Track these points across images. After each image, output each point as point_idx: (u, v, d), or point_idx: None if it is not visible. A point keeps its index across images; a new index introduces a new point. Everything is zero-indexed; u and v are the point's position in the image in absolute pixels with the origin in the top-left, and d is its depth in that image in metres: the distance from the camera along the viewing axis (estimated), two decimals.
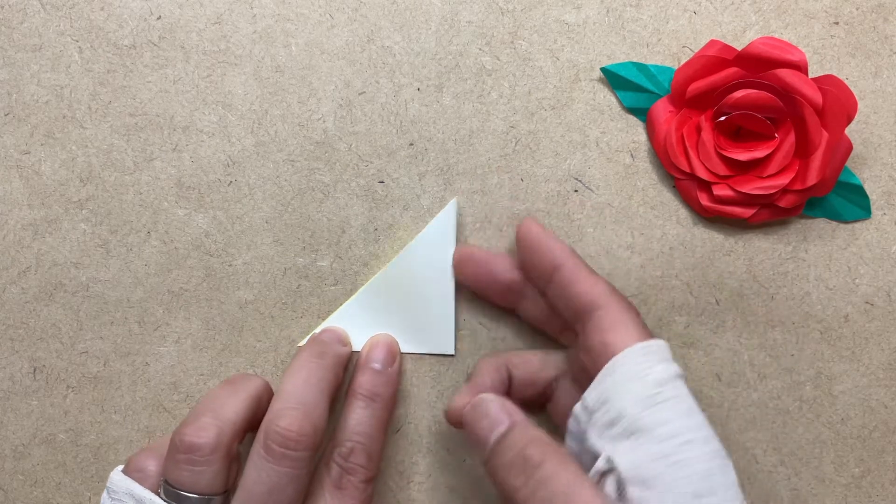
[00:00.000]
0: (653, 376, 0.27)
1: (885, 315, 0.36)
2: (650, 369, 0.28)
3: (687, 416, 0.27)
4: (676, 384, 0.28)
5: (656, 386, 0.27)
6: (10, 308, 0.36)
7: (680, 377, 0.28)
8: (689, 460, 0.26)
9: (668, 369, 0.28)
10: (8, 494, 0.36)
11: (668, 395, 0.27)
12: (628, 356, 0.28)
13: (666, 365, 0.28)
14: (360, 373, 0.34)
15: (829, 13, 0.36)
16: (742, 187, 0.34)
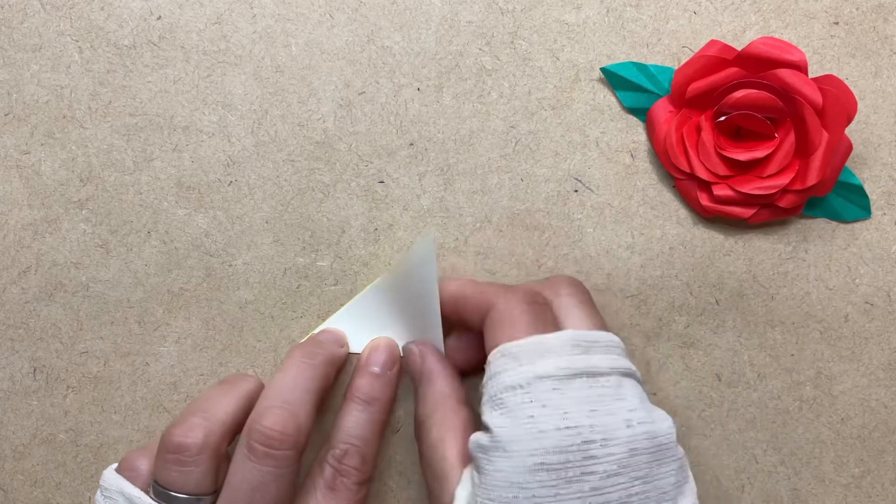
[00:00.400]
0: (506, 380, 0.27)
1: (885, 315, 0.36)
2: (507, 372, 0.27)
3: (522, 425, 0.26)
4: (532, 388, 0.27)
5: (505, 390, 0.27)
6: (10, 308, 0.36)
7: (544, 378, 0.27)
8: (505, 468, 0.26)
9: (526, 372, 0.27)
10: (8, 494, 0.36)
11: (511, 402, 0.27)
12: (493, 355, 0.29)
13: (530, 367, 0.27)
14: (358, 375, 0.34)
15: (829, 13, 0.36)
16: (742, 187, 0.34)
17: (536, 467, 0.25)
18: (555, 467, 0.25)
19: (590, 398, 0.27)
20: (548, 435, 0.26)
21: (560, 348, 0.27)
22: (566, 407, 0.26)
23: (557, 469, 0.25)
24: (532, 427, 0.26)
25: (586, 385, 0.27)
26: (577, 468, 0.25)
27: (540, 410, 0.26)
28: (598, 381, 0.27)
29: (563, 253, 0.36)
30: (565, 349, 0.27)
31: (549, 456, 0.25)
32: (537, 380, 0.27)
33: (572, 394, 0.26)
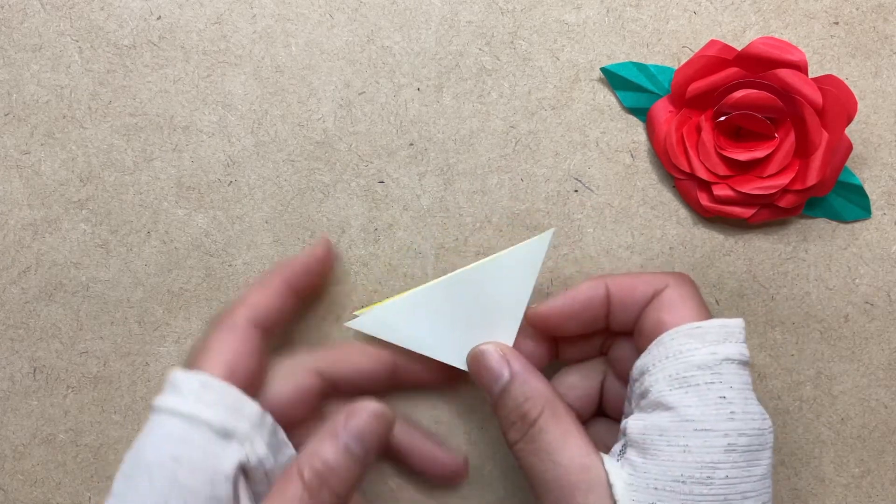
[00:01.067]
0: (695, 359, 0.27)
1: (885, 315, 0.36)
2: (695, 351, 0.27)
3: (714, 406, 0.26)
4: (722, 369, 0.27)
5: (693, 369, 0.27)
6: (10, 308, 0.36)
7: (732, 361, 0.27)
8: (694, 448, 0.26)
9: (717, 353, 0.27)
10: (8, 494, 0.36)
11: (701, 380, 0.26)
12: (674, 335, 0.28)
13: (717, 347, 0.27)
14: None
15: (829, 13, 0.36)
16: (742, 187, 0.34)
17: (730, 448, 0.26)
18: (743, 449, 0.26)
19: (750, 383, 0.28)
20: (738, 417, 0.26)
21: (739, 334, 0.28)
22: (744, 392, 0.27)
23: (744, 451, 0.26)
24: (724, 408, 0.26)
25: (748, 374, 0.28)
26: (756, 452, 0.26)
27: (730, 392, 0.26)
28: (748, 370, 0.28)
29: (563, 253, 0.36)
30: (742, 335, 0.28)
31: (739, 438, 0.26)
32: (726, 362, 0.27)
33: (745, 379, 0.27)
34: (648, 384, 0.27)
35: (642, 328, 0.29)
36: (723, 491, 0.25)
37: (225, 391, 0.28)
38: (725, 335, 0.27)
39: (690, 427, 0.26)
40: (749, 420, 0.26)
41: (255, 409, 0.29)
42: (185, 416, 0.27)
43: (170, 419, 0.28)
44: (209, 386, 0.28)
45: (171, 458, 0.27)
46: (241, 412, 0.28)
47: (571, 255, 0.36)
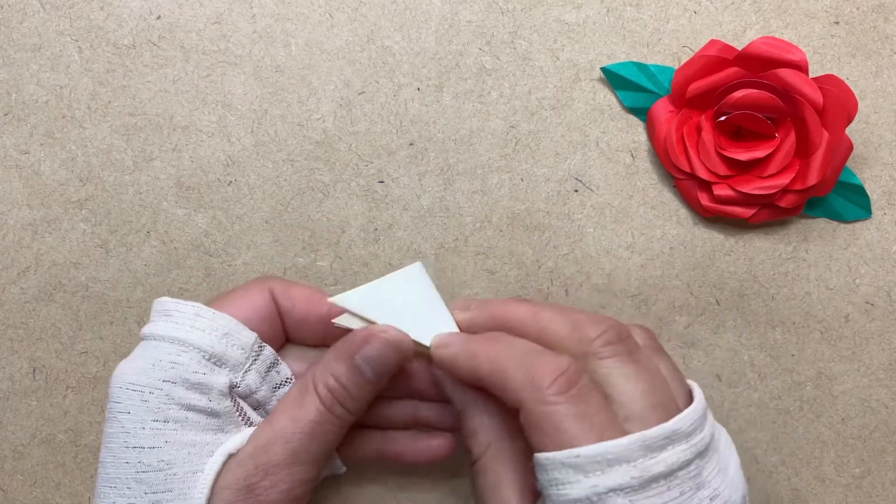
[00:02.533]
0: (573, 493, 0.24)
1: (885, 315, 0.36)
2: (574, 483, 0.23)
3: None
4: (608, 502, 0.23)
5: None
6: (10, 308, 0.36)
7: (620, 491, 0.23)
8: None
9: (598, 485, 0.23)
10: (7, 494, 0.36)
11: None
12: (550, 462, 0.24)
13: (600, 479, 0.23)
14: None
15: (830, 13, 0.36)
16: (742, 187, 0.34)
17: None
18: None
19: (668, 502, 0.23)
20: None
21: (630, 454, 0.23)
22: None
23: None
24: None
25: (664, 488, 0.23)
26: None
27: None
28: (677, 477, 0.24)
29: (563, 253, 0.36)
30: (636, 454, 0.23)
31: None
32: (609, 493, 0.23)
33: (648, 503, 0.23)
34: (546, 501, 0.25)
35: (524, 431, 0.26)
36: None
37: (219, 319, 0.29)
38: (610, 460, 0.23)
39: None
40: None
41: (250, 337, 0.29)
42: (177, 340, 0.28)
43: (160, 344, 0.28)
44: (202, 315, 0.28)
45: (162, 380, 0.27)
46: (235, 340, 0.29)
47: (571, 255, 0.36)
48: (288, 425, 0.28)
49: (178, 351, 0.28)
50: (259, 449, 0.27)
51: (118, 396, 0.27)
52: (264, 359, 0.30)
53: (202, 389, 0.28)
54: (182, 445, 0.27)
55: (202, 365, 0.28)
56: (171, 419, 0.27)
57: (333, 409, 0.28)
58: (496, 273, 0.36)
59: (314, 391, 0.28)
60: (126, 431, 0.27)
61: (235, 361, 0.29)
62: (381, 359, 0.28)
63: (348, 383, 0.28)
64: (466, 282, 0.36)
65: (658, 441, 0.24)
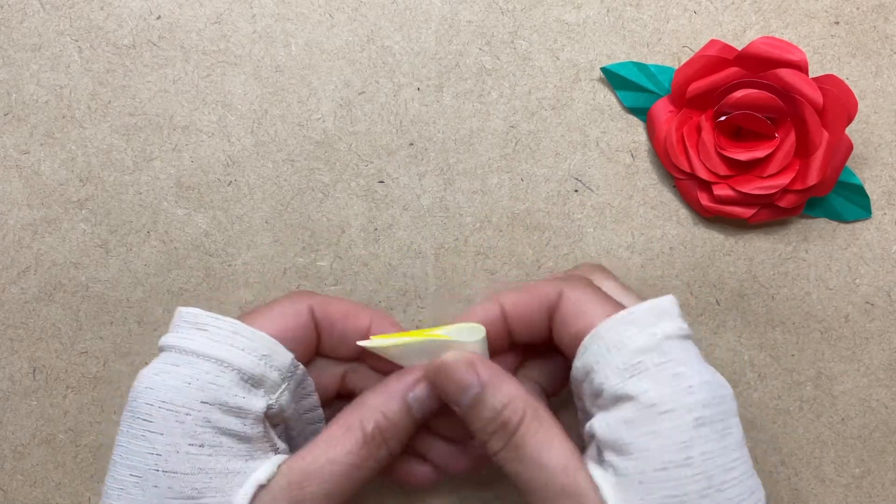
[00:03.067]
0: (635, 344, 0.26)
1: (885, 315, 0.36)
2: (633, 337, 0.26)
3: (670, 385, 0.25)
4: (664, 348, 0.26)
5: (637, 354, 0.26)
6: (10, 308, 0.36)
7: (673, 338, 0.26)
8: (663, 431, 0.25)
9: (655, 333, 0.26)
10: (7, 494, 0.36)
11: (650, 364, 0.26)
12: (609, 326, 0.27)
13: (654, 328, 0.26)
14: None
15: (830, 13, 0.36)
16: (742, 187, 0.34)
17: (698, 423, 0.25)
18: (711, 420, 0.25)
19: (699, 355, 0.27)
20: (697, 389, 0.25)
21: (672, 309, 0.27)
22: (696, 364, 0.26)
23: (714, 422, 0.25)
24: (681, 384, 0.25)
25: (690, 344, 0.27)
26: (724, 421, 0.26)
27: (682, 368, 0.26)
28: (692, 341, 0.27)
29: (563, 253, 0.36)
30: (676, 310, 0.27)
31: (704, 410, 0.25)
32: (667, 340, 0.26)
33: (693, 352, 0.27)
34: (599, 382, 0.26)
35: (561, 338, 0.29)
36: (703, 468, 0.25)
37: (258, 339, 0.28)
38: (658, 314, 0.27)
39: (654, 412, 0.25)
40: (709, 390, 0.25)
41: (287, 358, 0.28)
42: (215, 359, 0.27)
43: (196, 361, 0.26)
44: (241, 333, 0.27)
45: (200, 401, 0.26)
46: (272, 361, 0.28)
47: (571, 255, 0.36)
48: (325, 465, 0.27)
49: (217, 371, 0.26)
50: (294, 484, 0.26)
51: (149, 414, 0.26)
52: (298, 378, 0.29)
53: (239, 413, 0.26)
54: (215, 473, 0.26)
55: (241, 387, 0.27)
56: (206, 444, 0.26)
57: (377, 449, 0.27)
58: (496, 273, 0.36)
59: (360, 429, 0.27)
60: (157, 454, 0.25)
61: (272, 383, 0.28)
62: (430, 400, 0.28)
63: (399, 422, 0.28)
64: (466, 282, 0.36)
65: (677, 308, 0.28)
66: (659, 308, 0.27)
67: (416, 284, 0.36)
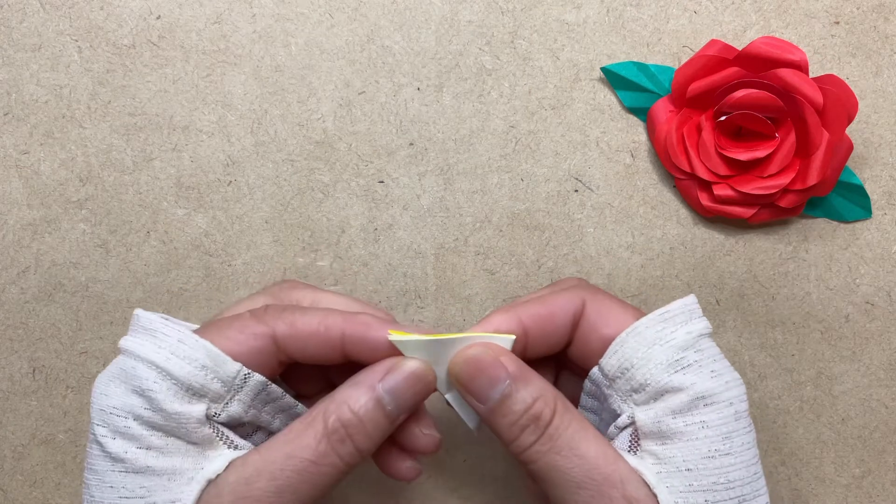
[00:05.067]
0: (675, 341, 0.27)
1: (885, 315, 0.36)
2: (672, 334, 0.27)
3: (711, 379, 0.26)
4: (701, 345, 0.27)
5: (680, 350, 0.27)
6: (10, 308, 0.36)
7: (703, 336, 0.28)
8: (711, 422, 0.26)
9: (691, 331, 0.27)
10: (7, 494, 0.36)
11: (691, 359, 0.27)
12: (647, 324, 0.27)
13: (689, 326, 0.27)
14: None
15: (830, 13, 0.36)
16: (742, 187, 0.34)
17: (737, 415, 0.27)
18: (744, 413, 0.27)
19: (719, 353, 0.28)
20: (731, 385, 0.27)
21: (696, 308, 0.28)
22: (725, 361, 0.28)
23: (745, 415, 0.27)
24: (719, 379, 0.27)
25: (714, 342, 0.28)
26: (748, 416, 0.27)
27: (716, 364, 0.27)
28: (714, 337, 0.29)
29: (563, 253, 0.36)
30: (699, 310, 0.29)
31: (740, 404, 0.27)
32: (701, 338, 0.27)
33: (717, 349, 0.28)
34: (642, 376, 0.27)
35: (586, 343, 0.29)
36: (743, 458, 0.26)
37: (199, 348, 0.26)
38: (689, 314, 0.28)
39: (702, 403, 0.26)
40: (738, 386, 0.27)
41: (234, 370, 0.27)
42: (154, 366, 0.26)
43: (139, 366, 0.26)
44: (185, 342, 0.26)
45: (143, 407, 0.26)
46: (217, 374, 0.27)
47: (571, 255, 0.36)
48: (278, 459, 0.26)
49: (154, 378, 0.26)
50: (241, 481, 0.26)
51: (102, 419, 0.26)
52: (252, 387, 0.27)
53: (178, 420, 0.26)
54: (163, 472, 0.26)
55: (177, 396, 0.26)
56: (152, 446, 0.26)
57: (340, 447, 0.26)
58: (496, 273, 0.36)
59: (322, 423, 0.26)
60: (111, 456, 0.26)
61: (215, 394, 0.27)
62: (405, 389, 0.27)
63: (366, 416, 0.26)
64: (466, 282, 0.36)
65: (699, 307, 0.29)
66: (689, 308, 0.28)
67: (416, 284, 0.36)
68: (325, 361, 0.28)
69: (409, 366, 0.27)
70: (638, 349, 0.27)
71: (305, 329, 0.28)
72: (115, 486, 0.26)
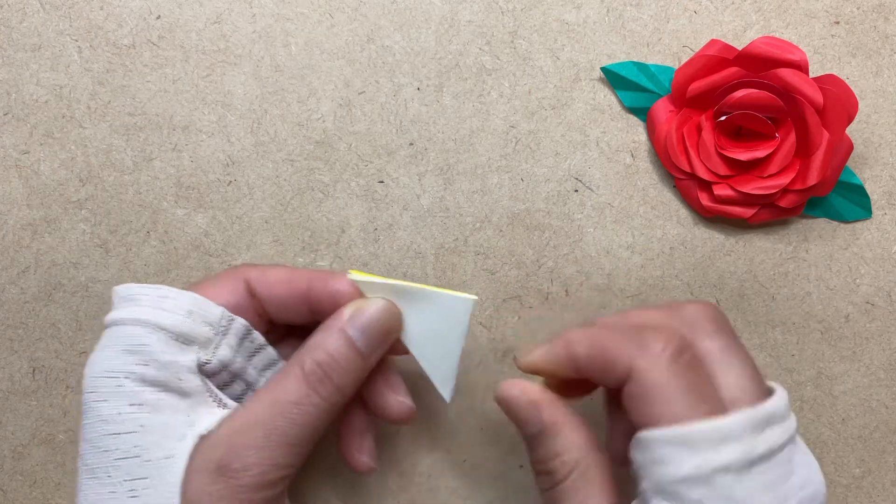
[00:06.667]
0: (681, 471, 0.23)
1: (885, 315, 0.36)
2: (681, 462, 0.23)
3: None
4: (715, 481, 0.23)
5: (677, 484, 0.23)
6: (10, 308, 0.36)
7: (729, 470, 0.23)
8: None
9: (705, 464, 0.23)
10: (7, 495, 0.36)
11: (687, 498, 0.23)
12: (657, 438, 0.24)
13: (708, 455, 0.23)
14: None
15: (830, 12, 0.36)
16: (742, 187, 0.34)
17: None
18: None
19: (766, 484, 0.23)
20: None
21: (740, 434, 0.23)
22: (746, 500, 0.23)
23: None
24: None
25: (764, 470, 0.24)
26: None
27: None
28: (774, 459, 0.24)
29: (563, 253, 0.36)
30: (745, 434, 0.23)
31: None
32: (716, 473, 0.23)
33: (751, 483, 0.23)
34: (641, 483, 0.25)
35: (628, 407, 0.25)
36: None
37: (184, 298, 0.28)
38: (721, 438, 0.23)
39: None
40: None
41: (217, 312, 0.28)
42: (141, 322, 0.27)
43: (125, 328, 0.27)
44: (168, 295, 0.28)
45: (135, 363, 0.26)
46: (203, 318, 0.28)
47: (571, 255, 0.36)
48: (265, 406, 0.27)
49: (144, 333, 0.27)
50: (233, 431, 0.26)
51: (93, 386, 0.27)
52: (236, 331, 0.28)
53: (171, 369, 0.27)
54: (156, 429, 0.26)
55: (169, 345, 0.27)
56: (145, 402, 0.26)
57: (319, 387, 0.27)
58: (496, 273, 0.36)
59: (298, 368, 0.27)
60: (103, 419, 0.26)
61: (204, 338, 0.28)
62: (373, 326, 0.27)
63: (338, 355, 0.27)
64: (466, 282, 0.36)
65: (763, 420, 0.24)
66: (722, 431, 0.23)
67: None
68: (295, 316, 0.30)
69: (375, 303, 0.28)
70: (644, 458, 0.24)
71: (274, 276, 0.29)
72: (110, 450, 0.26)
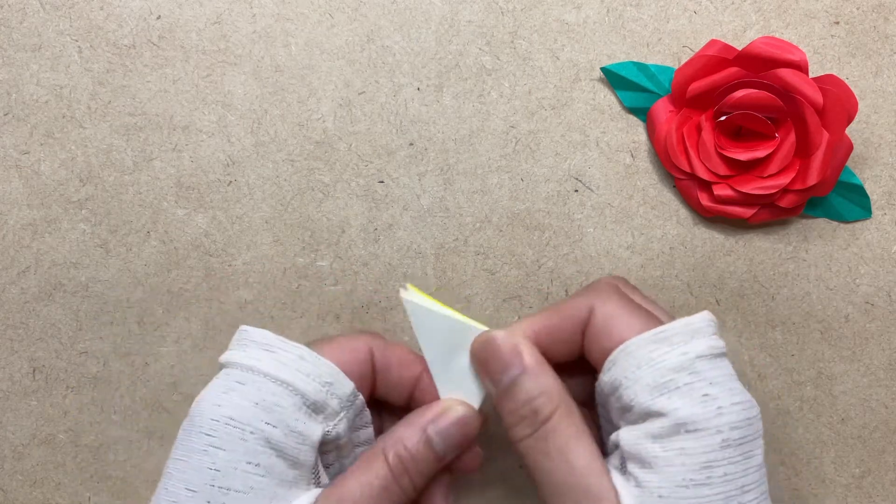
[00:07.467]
0: (667, 362, 0.26)
1: (885, 315, 0.36)
2: (665, 355, 0.26)
3: (700, 404, 0.25)
4: (696, 367, 0.26)
5: (669, 373, 0.26)
6: (10, 308, 0.36)
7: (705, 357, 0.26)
8: (690, 449, 0.25)
9: (688, 352, 0.26)
10: (7, 495, 0.36)
11: (681, 382, 0.26)
12: (639, 343, 0.27)
13: (686, 347, 0.26)
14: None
15: (830, 13, 0.36)
16: (742, 187, 0.34)
17: (724, 444, 0.25)
18: (737, 442, 0.25)
19: (731, 372, 0.27)
20: (726, 411, 0.26)
21: (705, 328, 0.27)
22: (728, 384, 0.26)
23: (738, 444, 0.25)
24: (711, 404, 0.25)
25: (722, 363, 0.27)
26: (750, 443, 0.26)
27: (712, 388, 0.26)
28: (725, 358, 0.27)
29: (563, 253, 0.36)
30: (709, 328, 0.27)
31: (731, 432, 0.25)
32: (699, 359, 0.26)
33: (725, 371, 0.27)
34: (629, 398, 0.26)
35: (591, 353, 0.28)
36: (723, 489, 0.25)
37: (322, 365, 0.28)
38: (691, 333, 0.27)
39: (682, 429, 0.25)
40: (738, 412, 0.26)
41: (349, 388, 0.29)
42: (281, 381, 0.27)
43: (263, 382, 0.27)
44: (306, 358, 0.28)
45: (265, 421, 0.26)
46: (334, 389, 0.28)
47: (571, 255, 0.36)
48: (355, 488, 0.27)
49: (283, 393, 0.27)
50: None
51: (213, 430, 0.26)
52: (357, 408, 0.29)
53: (298, 438, 0.27)
54: (264, 495, 0.26)
55: (303, 412, 0.27)
56: (262, 464, 0.26)
57: (400, 477, 0.28)
58: (496, 273, 0.36)
59: (383, 457, 0.28)
60: (216, 469, 0.26)
61: (332, 411, 0.28)
62: (453, 434, 0.29)
63: (417, 454, 0.28)
64: (466, 282, 0.36)
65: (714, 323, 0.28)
66: (692, 326, 0.27)
67: (417, 284, 0.36)
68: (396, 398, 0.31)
69: (459, 411, 0.29)
70: (627, 369, 0.27)
71: (395, 357, 0.30)
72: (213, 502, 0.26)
